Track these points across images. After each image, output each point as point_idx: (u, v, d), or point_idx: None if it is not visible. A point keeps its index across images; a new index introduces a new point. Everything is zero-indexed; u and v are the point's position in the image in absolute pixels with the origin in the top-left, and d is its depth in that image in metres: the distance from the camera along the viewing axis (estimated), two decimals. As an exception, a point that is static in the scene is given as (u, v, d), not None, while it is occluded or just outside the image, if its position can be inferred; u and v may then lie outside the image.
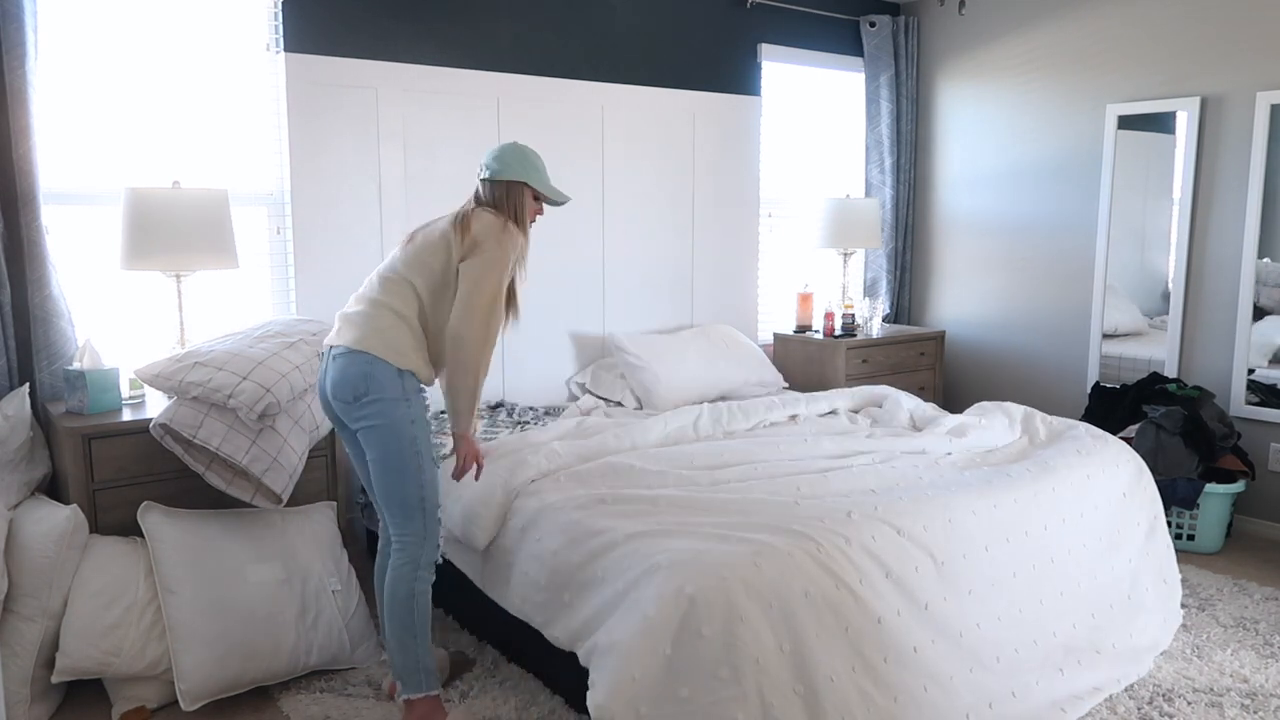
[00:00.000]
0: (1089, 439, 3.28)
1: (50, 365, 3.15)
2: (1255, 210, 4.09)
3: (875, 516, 2.57)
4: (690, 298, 4.76)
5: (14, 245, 3.10)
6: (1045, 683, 2.69)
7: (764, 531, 2.47)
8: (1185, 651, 3.08)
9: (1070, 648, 2.82)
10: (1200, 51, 4.24)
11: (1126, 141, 4.53)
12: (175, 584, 2.73)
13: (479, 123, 4.03)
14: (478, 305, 2.50)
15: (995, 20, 4.98)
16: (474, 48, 4.03)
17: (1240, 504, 4.21)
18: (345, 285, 3.78)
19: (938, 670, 2.46)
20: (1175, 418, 3.99)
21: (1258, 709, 2.74)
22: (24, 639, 2.63)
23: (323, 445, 3.27)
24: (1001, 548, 2.74)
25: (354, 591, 3.04)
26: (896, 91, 5.22)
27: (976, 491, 2.81)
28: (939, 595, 2.56)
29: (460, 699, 2.80)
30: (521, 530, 2.78)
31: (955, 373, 5.31)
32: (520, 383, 4.27)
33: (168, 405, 2.86)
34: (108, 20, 3.31)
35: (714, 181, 4.76)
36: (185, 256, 3.12)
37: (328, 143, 3.69)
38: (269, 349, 2.98)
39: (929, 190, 5.38)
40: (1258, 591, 3.57)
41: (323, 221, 3.72)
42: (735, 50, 4.81)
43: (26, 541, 2.68)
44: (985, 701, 2.52)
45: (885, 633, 2.40)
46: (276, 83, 3.63)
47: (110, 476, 2.92)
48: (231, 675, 2.73)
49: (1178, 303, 4.38)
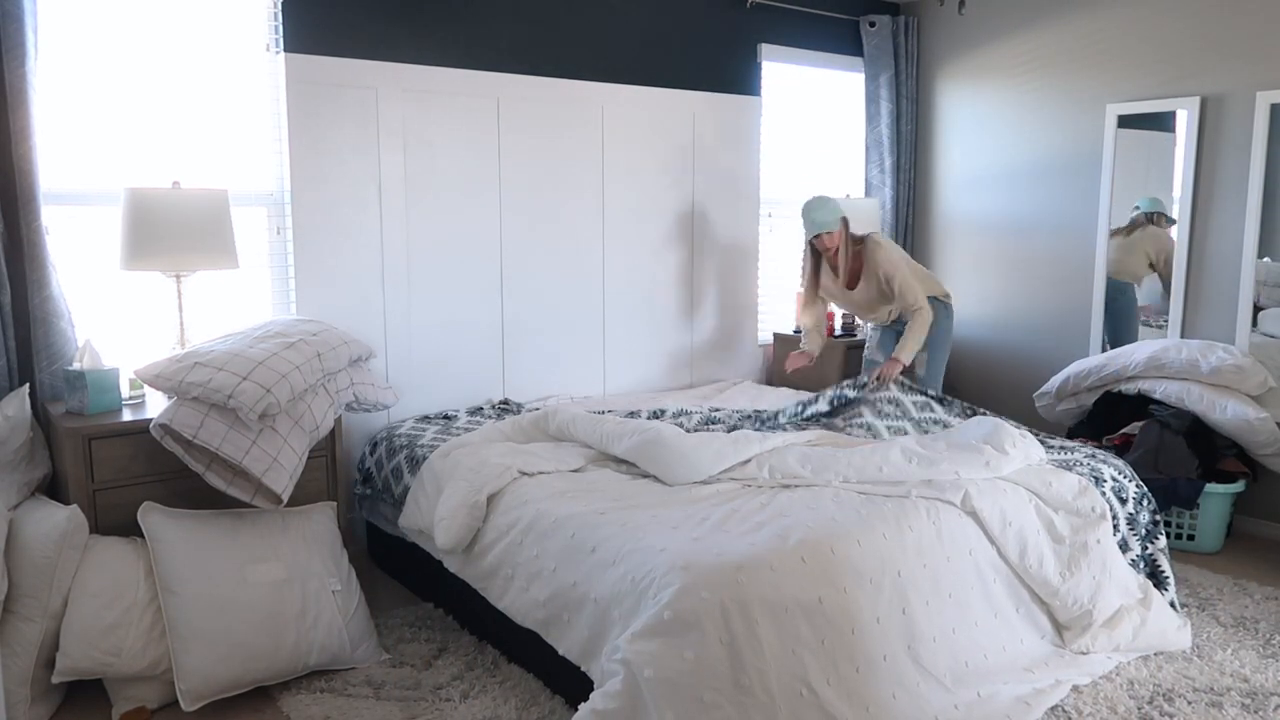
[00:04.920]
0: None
1: (50, 365, 3.15)
2: (1255, 210, 4.09)
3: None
4: (690, 298, 4.76)
5: (14, 245, 3.10)
6: (1013, 684, 2.73)
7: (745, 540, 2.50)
8: (1185, 651, 3.08)
9: (1036, 655, 2.88)
10: (1200, 51, 4.23)
11: (1126, 141, 4.53)
12: (175, 584, 2.73)
13: (479, 123, 4.03)
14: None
15: (995, 20, 4.98)
16: (474, 48, 4.03)
17: (1240, 504, 4.21)
18: (345, 285, 3.79)
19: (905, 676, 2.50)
20: (1183, 418, 4.00)
21: (1258, 709, 2.74)
22: (24, 639, 2.63)
23: (323, 445, 3.27)
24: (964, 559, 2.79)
25: (354, 591, 3.04)
26: (896, 91, 5.22)
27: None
28: (920, 600, 2.60)
29: (461, 699, 2.80)
30: (519, 544, 2.81)
31: (955, 372, 5.31)
32: (519, 381, 4.27)
33: (168, 405, 2.85)
34: (108, 20, 3.31)
35: (714, 181, 4.76)
36: (185, 257, 3.12)
37: (328, 143, 3.69)
38: (269, 349, 2.98)
39: (929, 190, 5.38)
40: (1258, 591, 3.57)
41: (323, 221, 3.72)
42: (735, 50, 4.81)
43: (26, 542, 2.68)
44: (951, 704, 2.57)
45: (859, 641, 2.44)
46: (276, 83, 3.63)
47: (110, 477, 2.92)
48: (232, 675, 2.73)
49: (1178, 302, 4.38)
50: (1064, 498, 3.01)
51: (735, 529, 2.59)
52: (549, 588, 2.65)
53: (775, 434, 3.24)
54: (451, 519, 2.97)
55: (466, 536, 2.97)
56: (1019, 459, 3.03)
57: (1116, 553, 3.05)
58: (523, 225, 4.20)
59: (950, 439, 3.11)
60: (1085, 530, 2.98)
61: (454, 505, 2.98)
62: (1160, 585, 3.22)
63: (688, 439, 3.08)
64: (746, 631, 2.27)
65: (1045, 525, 2.96)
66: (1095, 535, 2.98)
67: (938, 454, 2.97)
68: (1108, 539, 3.02)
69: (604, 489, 2.95)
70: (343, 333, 3.27)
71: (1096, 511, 3.01)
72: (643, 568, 2.40)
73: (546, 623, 2.66)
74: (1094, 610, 2.94)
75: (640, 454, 3.10)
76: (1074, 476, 3.08)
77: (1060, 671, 2.83)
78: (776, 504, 2.78)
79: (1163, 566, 3.24)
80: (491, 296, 4.16)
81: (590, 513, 2.73)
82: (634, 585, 2.39)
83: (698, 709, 2.18)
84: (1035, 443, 3.15)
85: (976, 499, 2.85)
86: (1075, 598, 2.92)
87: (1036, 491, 3.00)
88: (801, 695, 2.29)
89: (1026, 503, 2.95)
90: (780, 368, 5.02)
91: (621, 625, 2.38)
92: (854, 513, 2.70)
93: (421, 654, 3.08)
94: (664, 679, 2.19)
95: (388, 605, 3.48)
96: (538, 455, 3.17)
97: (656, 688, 2.19)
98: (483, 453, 3.18)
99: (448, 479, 3.13)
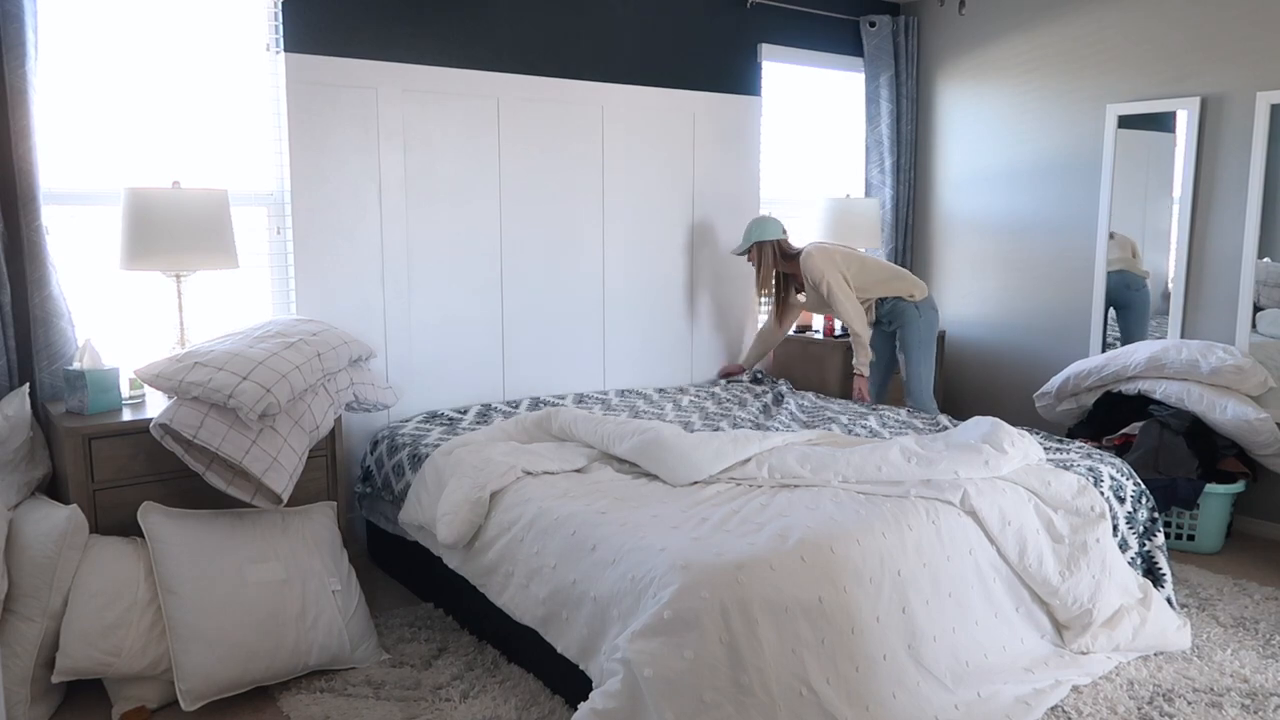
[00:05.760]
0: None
1: (50, 365, 3.15)
2: (1255, 210, 4.09)
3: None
4: (690, 297, 4.76)
5: (14, 245, 3.10)
6: (1013, 684, 2.73)
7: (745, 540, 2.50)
8: (1185, 651, 3.07)
9: (1036, 655, 2.88)
10: (1200, 51, 4.24)
11: (1126, 141, 4.53)
12: (175, 584, 2.73)
13: (479, 123, 4.03)
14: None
15: (995, 20, 4.98)
16: (474, 48, 4.03)
17: (1240, 504, 4.21)
18: (345, 285, 3.79)
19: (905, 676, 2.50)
20: (1183, 418, 4.00)
21: (1258, 709, 2.74)
22: (24, 639, 2.63)
23: (323, 445, 3.27)
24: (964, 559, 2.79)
25: (354, 591, 3.04)
26: (896, 91, 5.22)
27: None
28: (920, 599, 2.60)
29: (461, 699, 2.80)
30: (520, 541, 2.81)
31: (955, 372, 5.31)
32: (519, 381, 4.27)
33: (168, 405, 2.86)
34: (108, 20, 3.31)
35: (714, 181, 4.76)
36: (185, 256, 3.12)
37: (328, 143, 3.70)
38: (269, 349, 2.98)
39: (929, 190, 5.38)
40: (1258, 591, 3.57)
41: (323, 221, 3.72)
42: (735, 50, 4.81)
43: (26, 541, 2.68)
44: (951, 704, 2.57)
45: (858, 641, 2.44)
46: (276, 83, 3.63)
47: (110, 476, 2.92)
48: (232, 675, 2.73)
49: (1178, 302, 4.38)
50: (1063, 497, 3.01)
51: (735, 529, 2.59)
52: (549, 585, 2.65)
53: (775, 434, 3.24)
54: (454, 514, 2.97)
55: (468, 532, 2.98)
56: (1018, 458, 3.03)
57: (1116, 552, 3.04)
58: (523, 225, 4.20)
59: (949, 439, 3.11)
60: (1084, 529, 2.98)
61: (457, 501, 2.99)
62: (1157, 583, 3.22)
63: (688, 439, 3.08)
64: (746, 631, 2.27)
65: (1044, 524, 2.96)
66: (1095, 534, 2.98)
67: (936, 454, 2.97)
68: (1107, 538, 3.01)
69: (605, 488, 2.95)
70: (343, 333, 3.27)
71: (1096, 511, 3.01)
72: (643, 567, 2.40)
73: (545, 620, 2.66)
74: (1094, 610, 2.94)
75: (641, 454, 3.10)
76: (1073, 476, 3.08)
77: (1060, 671, 2.83)
78: (776, 504, 2.79)
79: (1159, 563, 3.24)
80: (491, 296, 4.16)
81: (591, 511, 2.73)
82: (634, 584, 2.39)
83: (698, 708, 2.19)
84: (1034, 442, 3.15)
85: (975, 498, 2.85)
86: (1075, 597, 2.92)
87: (1035, 491, 3.00)
88: (801, 695, 2.29)
89: (1025, 502, 2.95)
90: (780, 368, 5.02)
91: (620, 624, 2.38)
92: (854, 512, 2.70)
93: (421, 654, 3.08)
94: (664, 678, 2.19)
95: (388, 605, 3.48)
96: (541, 455, 3.17)
97: (656, 687, 2.19)
98: (486, 451, 3.18)
99: (450, 475, 3.14)
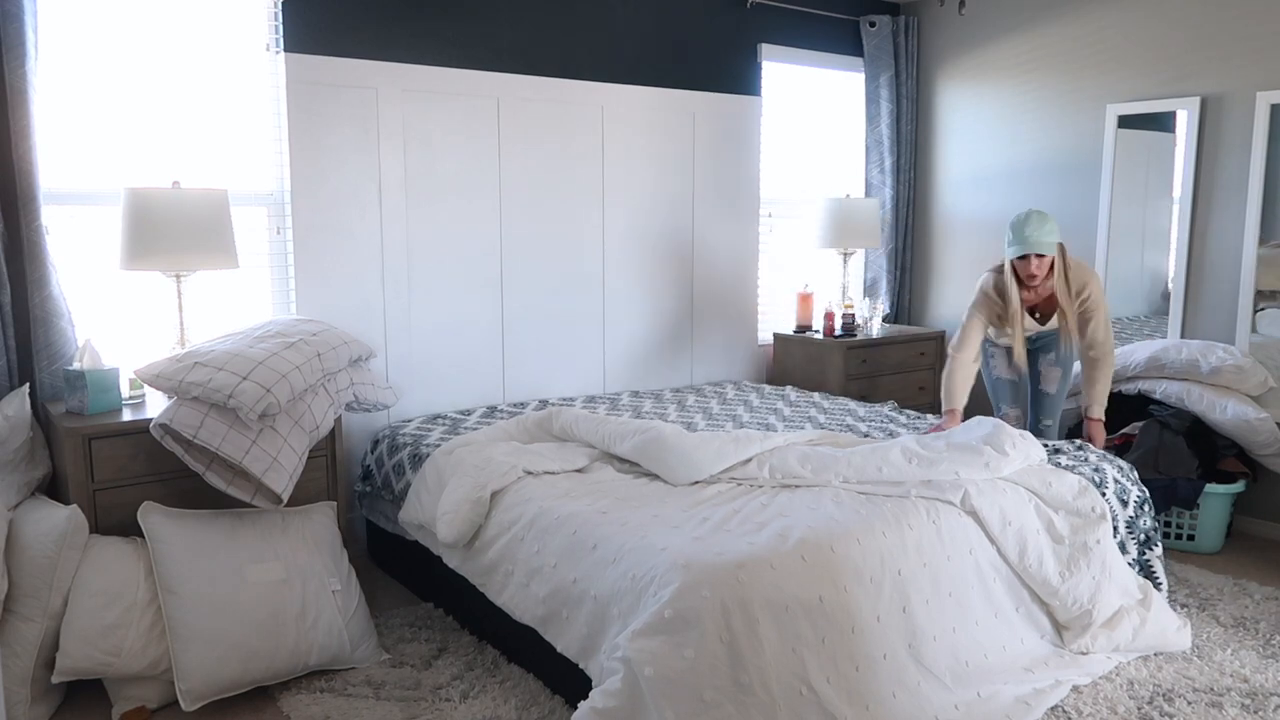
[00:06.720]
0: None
1: (50, 365, 3.15)
2: (1255, 210, 4.09)
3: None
4: (691, 298, 4.76)
5: (14, 245, 3.10)
6: (1013, 684, 2.73)
7: (745, 540, 2.50)
8: (1185, 651, 3.07)
9: (1036, 655, 2.88)
10: (1200, 51, 4.23)
11: (1126, 141, 4.53)
12: (175, 584, 2.73)
13: (479, 123, 4.03)
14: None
15: (995, 20, 4.98)
16: (474, 48, 4.03)
17: (1240, 504, 4.21)
18: (345, 285, 3.79)
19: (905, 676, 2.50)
20: (1183, 418, 3.99)
21: (1258, 709, 2.74)
22: (24, 639, 2.63)
23: (323, 445, 3.27)
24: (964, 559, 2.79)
25: (354, 591, 3.04)
26: (896, 91, 5.22)
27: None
28: (920, 599, 2.60)
29: (461, 699, 2.80)
30: (520, 540, 2.81)
31: (955, 373, 5.30)
32: (519, 381, 4.27)
33: (168, 405, 2.86)
34: (108, 20, 3.31)
35: (714, 181, 4.76)
36: (185, 256, 3.12)
37: (328, 143, 3.69)
38: (269, 349, 2.98)
39: (929, 190, 5.38)
40: (1258, 591, 3.57)
41: (323, 221, 3.72)
42: (735, 50, 4.81)
43: (26, 542, 2.68)
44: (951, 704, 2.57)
45: (859, 640, 2.44)
46: (276, 83, 3.63)
47: (110, 476, 2.92)
48: (232, 675, 2.72)
49: (1178, 302, 4.38)
50: (1064, 498, 3.01)
51: (736, 529, 2.60)
52: (549, 584, 2.65)
53: (776, 434, 3.25)
54: (455, 513, 2.97)
55: (469, 531, 2.97)
56: (1019, 459, 3.03)
57: (1116, 553, 3.04)
58: (522, 225, 4.20)
59: (950, 439, 3.11)
60: (1085, 530, 2.98)
61: (458, 500, 2.99)
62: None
63: (689, 438, 3.08)
64: (747, 630, 2.27)
65: (1045, 525, 2.96)
66: (1095, 535, 2.98)
67: (937, 454, 2.97)
68: (1108, 539, 3.01)
69: (606, 488, 2.95)
70: (343, 332, 3.27)
71: (1096, 512, 3.01)
72: (643, 566, 2.40)
73: (545, 619, 2.66)
74: (1094, 610, 2.94)
75: (642, 454, 3.10)
76: (1074, 477, 3.08)
77: (1060, 671, 2.83)
78: (777, 504, 2.79)
79: (1156, 571, 3.24)
80: (492, 296, 4.16)
81: (592, 511, 2.73)
82: (634, 583, 2.39)
83: (698, 707, 2.18)
84: (1035, 443, 3.15)
85: (976, 498, 2.85)
86: (1075, 597, 2.92)
87: (1036, 491, 3.00)
88: (801, 694, 2.29)
89: (1026, 502, 2.95)
90: (780, 368, 5.02)
91: (620, 623, 2.38)
92: (854, 512, 2.70)
93: (421, 654, 3.08)
94: (664, 677, 2.19)
95: (388, 605, 3.48)
96: (542, 455, 3.17)
97: (656, 686, 2.19)
98: (487, 451, 3.18)
99: (451, 475, 3.14)
